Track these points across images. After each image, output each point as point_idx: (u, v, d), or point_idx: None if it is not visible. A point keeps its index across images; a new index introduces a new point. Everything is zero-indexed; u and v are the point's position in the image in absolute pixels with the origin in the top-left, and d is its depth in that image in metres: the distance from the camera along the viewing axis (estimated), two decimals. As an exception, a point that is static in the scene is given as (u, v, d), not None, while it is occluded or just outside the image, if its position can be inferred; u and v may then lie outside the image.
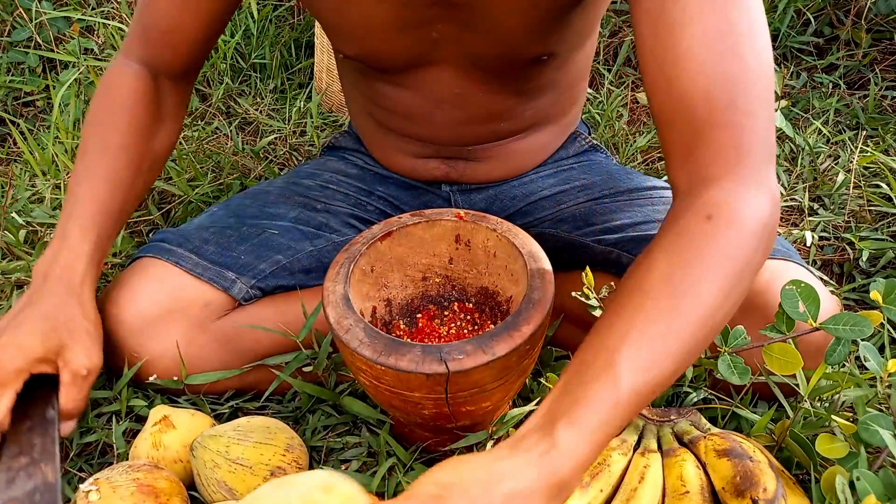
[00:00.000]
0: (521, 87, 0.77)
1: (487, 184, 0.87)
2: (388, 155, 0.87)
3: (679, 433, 0.63)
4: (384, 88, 0.79)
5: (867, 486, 0.55)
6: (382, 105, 0.81)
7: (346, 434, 0.74)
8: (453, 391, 0.57)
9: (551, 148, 0.88)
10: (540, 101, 0.81)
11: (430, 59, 0.73)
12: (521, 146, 0.85)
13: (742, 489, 0.55)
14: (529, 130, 0.84)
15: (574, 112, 0.88)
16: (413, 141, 0.83)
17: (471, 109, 0.77)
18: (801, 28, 1.43)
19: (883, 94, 1.33)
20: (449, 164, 0.85)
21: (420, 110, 0.78)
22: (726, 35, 0.51)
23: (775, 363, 0.60)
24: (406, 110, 0.79)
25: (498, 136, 0.82)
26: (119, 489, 0.61)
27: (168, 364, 0.74)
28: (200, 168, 1.15)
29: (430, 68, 0.74)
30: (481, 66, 0.73)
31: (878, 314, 0.59)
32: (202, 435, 0.66)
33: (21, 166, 1.16)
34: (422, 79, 0.75)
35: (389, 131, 0.84)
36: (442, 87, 0.75)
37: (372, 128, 0.87)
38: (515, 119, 0.81)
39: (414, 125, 0.81)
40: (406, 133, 0.82)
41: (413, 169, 0.86)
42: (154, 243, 0.79)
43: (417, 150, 0.84)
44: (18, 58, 1.32)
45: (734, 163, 0.50)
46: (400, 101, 0.79)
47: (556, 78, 0.79)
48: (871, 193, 1.06)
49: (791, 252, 0.75)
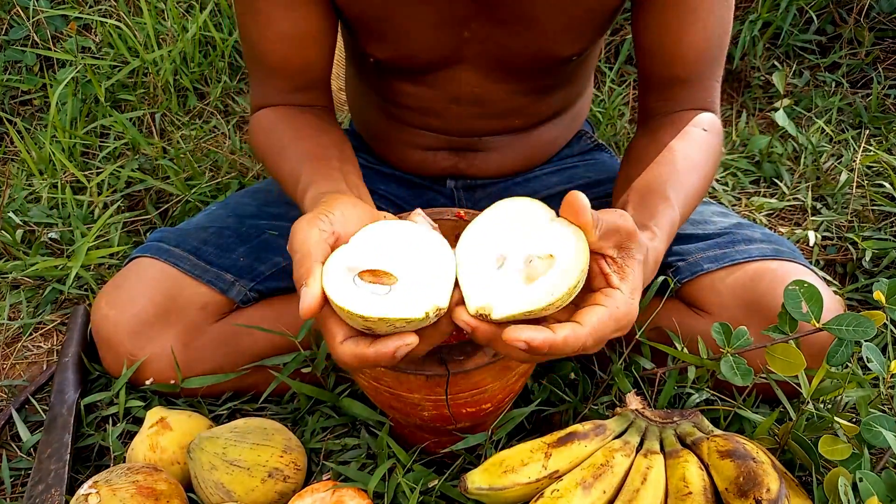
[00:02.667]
0: (540, 85, 0.78)
1: (493, 178, 0.87)
2: (395, 149, 0.86)
3: (682, 435, 0.63)
4: (403, 87, 0.78)
5: (870, 487, 0.55)
6: (398, 101, 0.80)
7: (346, 435, 0.74)
8: (453, 392, 0.57)
9: (559, 143, 0.89)
10: (555, 97, 0.81)
11: (456, 59, 0.73)
12: (532, 139, 0.85)
13: (745, 490, 0.54)
14: (541, 124, 0.84)
15: (581, 104, 0.88)
16: (425, 133, 0.82)
17: (487, 106, 0.78)
18: (804, 26, 1.43)
19: (886, 93, 1.32)
20: (458, 156, 0.84)
21: (437, 106, 0.78)
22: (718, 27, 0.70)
23: (778, 364, 0.59)
24: (422, 106, 0.79)
25: (511, 129, 0.82)
26: (119, 491, 0.61)
27: (165, 366, 0.73)
28: (198, 167, 1.14)
29: (454, 67, 0.73)
30: (506, 66, 0.73)
31: (881, 314, 0.59)
32: (199, 437, 0.65)
33: (18, 165, 1.16)
34: (443, 77, 0.75)
35: (401, 125, 0.83)
36: (462, 84, 0.75)
37: (381, 123, 0.86)
38: (530, 114, 0.81)
39: (428, 118, 0.80)
40: (419, 125, 0.82)
41: (422, 162, 0.85)
42: (151, 243, 0.79)
43: (428, 143, 0.83)
44: (15, 56, 1.32)
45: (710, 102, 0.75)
46: (417, 98, 0.78)
47: (574, 75, 0.80)
48: (875, 193, 1.06)
49: (795, 253, 0.75)
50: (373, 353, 0.46)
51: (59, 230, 1.01)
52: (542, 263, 0.48)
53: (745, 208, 1.10)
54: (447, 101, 0.77)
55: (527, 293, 0.47)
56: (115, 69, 1.29)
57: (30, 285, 0.95)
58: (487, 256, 0.49)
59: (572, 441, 0.61)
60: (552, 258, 0.48)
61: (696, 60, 0.71)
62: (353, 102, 0.91)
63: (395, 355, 0.46)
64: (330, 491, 0.62)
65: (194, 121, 1.28)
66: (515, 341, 0.45)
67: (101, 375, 0.80)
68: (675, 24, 0.69)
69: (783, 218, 1.10)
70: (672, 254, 0.77)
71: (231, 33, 1.38)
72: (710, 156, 0.71)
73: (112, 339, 0.73)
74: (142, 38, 1.30)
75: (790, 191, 1.12)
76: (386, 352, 0.46)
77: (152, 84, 1.27)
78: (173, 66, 1.28)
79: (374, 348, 0.46)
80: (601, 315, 0.47)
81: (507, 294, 0.47)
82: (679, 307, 0.74)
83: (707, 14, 0.69)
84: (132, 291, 0.74)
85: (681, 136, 0.70)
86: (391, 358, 0.46)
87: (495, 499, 0.60)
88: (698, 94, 0.73)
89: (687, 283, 0.74)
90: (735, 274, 0.71)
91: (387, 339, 0.46)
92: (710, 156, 0.71)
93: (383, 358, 0.46)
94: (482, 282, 0.48)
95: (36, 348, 0.89)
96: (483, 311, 0.47)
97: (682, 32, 0.69)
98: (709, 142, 0.71)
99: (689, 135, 0.70)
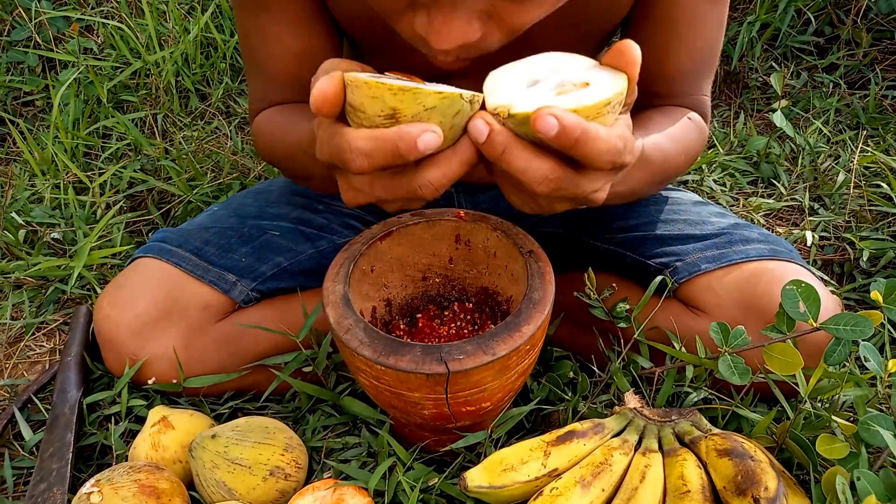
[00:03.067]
0: None
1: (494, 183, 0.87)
2: None
3: (680, 433, 0.63)
4: None
5: (868, 486, 0.55)
6: None
7: (346, 434, 0.74)
8: (453, 391, 0.57)
9: None
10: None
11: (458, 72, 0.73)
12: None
13: (743, 488, 0.55)
14: None
15: None
16: None
17: None
18: (802, 27, 1.43)
19: (883, 94, 1.33)
20: None
21: None
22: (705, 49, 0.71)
23: (776, 363, 0.59)
24: None
25: None
26: (121, 490, 0.61)
27: (167, 365, 0.74)
28: (200, 168, 1.15)
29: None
30: None
31: (878, 314, 0.59)
32: (201, 435, 0.66)
33: (20, 166, 1.16)
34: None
35: None
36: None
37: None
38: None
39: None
40: None
41: None
42: (154, 243, 0.79)
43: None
44: (18, 57, 1.32)
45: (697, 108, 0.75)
46: None
47: None
48: (872, 193, 1.06)
49: (793, 253, 0.75)
50: (394, 133, 0.41)
51: (61, 230, 1.01)
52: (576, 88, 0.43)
53: (743, 209, 1.10)
54: None
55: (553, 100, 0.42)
56: (117, 70, 1.29)
57: (32, 285, 0.95)
58: (519, 78, 0.45)
59: (571, 439, 0.62)
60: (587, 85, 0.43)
61: (681, 80, 0.72)
62: None
63: (417, 143, 0.40)
64: (331, 489, 0.63)
65: (196, 122, 1.28)
66: (545, 116, 0.40)
67: (103, 375, 0.80)
68: (662, 46, 0.69)
69: (781, 218, 1.10)
70: (670, 254, 0.77)
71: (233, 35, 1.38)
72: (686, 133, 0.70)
73: (114, 338, 0.73)
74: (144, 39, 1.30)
75: (788, 191, 1.13)
76: (411, 133, 0.40)
77: (154, 85, 1.27)
78: (175, 67, 1.28)
79: (397, 128, 0.41)
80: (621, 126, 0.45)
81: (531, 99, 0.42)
82: (677, 307, 0.75)
83: (694, 38, 0.69)
84: (134, 291, 0.74)
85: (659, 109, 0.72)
86: (413, 146, 0.40)
87: (495, 497, 0.60)
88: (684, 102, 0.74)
89: (685, 284, 0.74)
90: (733, 274, 0.72)
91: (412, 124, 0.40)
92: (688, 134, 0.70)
93: (405, 141, 0.40)
94: (507, 91, 0.44)
95: (38, 348, 0.89)
96: (503, 109, 0.42)
97: (668, 54, 0.70)
98: (689, 126, 0.71)
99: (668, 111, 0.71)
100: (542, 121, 0.40)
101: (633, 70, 0.44)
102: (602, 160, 0.43)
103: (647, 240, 0.79)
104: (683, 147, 0.70)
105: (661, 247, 0.78)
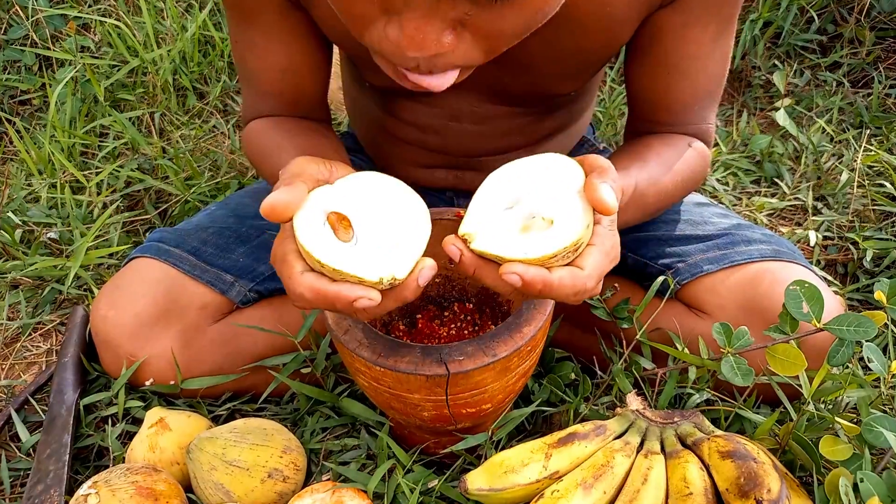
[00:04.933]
0: (541, 107, 0.78)
1: None
2: (393, 164, 0.86)
3: (682, 435, 0.62)
4: (401, 104, 0.77)
5: (871, 487, 0.55)
6: (396, 117, 0.79)
7: (345, 436, 0.74)
8: (453, 393, 0.57)
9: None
10: (557, 116, 0.81)
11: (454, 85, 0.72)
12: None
13: (746, 490, 0.54)
14: (543, 140, 0.83)
15: (584, 118, 0.88)
16: (423, 151, 0.81)
17: (487, 124, 0.77)
18: (805, 26, 1.42)
19: (887, 93, 1.32)
20: (457, 175, 0.84)
21: (436, 124, 0.77)
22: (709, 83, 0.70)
23: (779, 364, 0.59)
24: (421, 123, 0.78)
25: (511, 148, 0.81)
26: (118, 492, 0.60)
27: (165, 366, 0.73)
28: (197, 167, 1.14)
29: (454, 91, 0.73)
30: (505, 95, 0.73)
31: (881, 314, 0.59)
32: (198, 437, 0.65)
33: (17, 165, 1.15)
34: (443, 98, 0.74)
35: (399, 141, 0.82)
36: (462, 105, 0.75)
37: (378, 137, 0.85)
38: (531, 133, 0.80)
39: (427, 136, 0.79)
40: (417, 143, 0.81)
41: (420, 179, 0.85)
42: (151, 243, 0.78)
43: (427, 160, 0.83)
44: (14, 56, 1.31)
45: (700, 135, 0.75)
46: (416, 116, 0.78)
47: (576, 98, 0.80)
48: (876, 192, 1.05)
49: (796, 253, 0.75)
50: (333, 292, 0.45)
51: (58, 230, 1.01)
52: (542, 224, 0.49)
53: (746, 208, 1.10)
54: (447, 118, 0.76)
55: (509, 240, 0.48)
56: (114, 69, 1.29)
57: (29, 285, 0.95)
58: (505, 195, 0.51)
59: (573, 441, 0.61)
60: (551, 224, 0.49)
61: (684, 112, 0.72)
62: (351, 107, 0.91)
63: (354, 305, 0.45)
64: (329, 491, 0.62)
65: (193, 120, 1.27)
66: (509, 275, 0.46)
67: (100, 376, 0.80)
68: (664, 78, 0.69)
69: (784, 218, 1.10)
70: (672, 255, 0.76)
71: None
72: (687, 164, 0.71)
73: (111, 339, 0.73)
74: (141, 37, 1.29)
75: (791, 191, 1.12)
76: (347, 296, 0.45)
77: (151, 83, 1.26)
78: (172, 65, 1.27)
79: (337, 288, 0.45)
80: (595, 256, 0.49)
81: (494, 232, 0.49)
82: (679, 308, 0.74)
83: (697, 72, 0.68)
84: (131, 292, 0.73)
85: (660, 137, 0.72)
86: (349, 305, 0.45)
87: (495, 499, 0.60)
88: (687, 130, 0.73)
89: (687, 285, 0.74)
90: (735, 275, 0.71)
91: (353, 286, 0.46)
92: (688, 165, 0.71)
93: (342, 301, 0.45)
94: (484, 213, 0.50)
95: (35, 348, 0.89)
96: (465, 236, 0.49)
97: (670, 88, 0.69)
98: (689, 155, 0.71)
99: (670, 140, 0.72)
100: (507, 277, 0.47)
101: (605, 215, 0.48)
102: (568, 298, 0.49)
103: (649, 241, 0.78)
104: (682, 178, 0.71)
105: (663, 248, 0.77)
